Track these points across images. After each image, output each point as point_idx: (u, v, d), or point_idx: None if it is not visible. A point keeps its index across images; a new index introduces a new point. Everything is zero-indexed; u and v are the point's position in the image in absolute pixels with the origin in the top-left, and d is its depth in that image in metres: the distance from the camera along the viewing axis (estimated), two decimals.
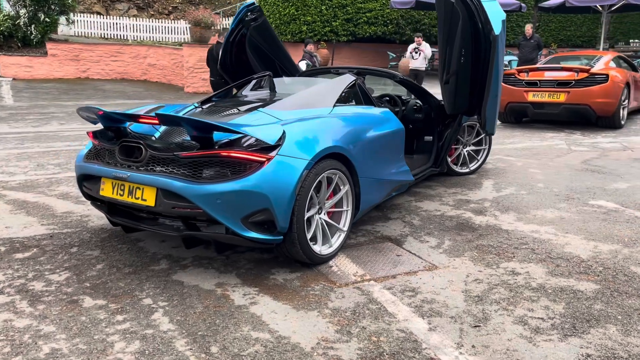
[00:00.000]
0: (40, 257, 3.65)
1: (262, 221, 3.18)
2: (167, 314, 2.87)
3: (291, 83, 4.81)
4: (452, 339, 2.59)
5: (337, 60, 20.89)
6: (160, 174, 3.21)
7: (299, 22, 20.26)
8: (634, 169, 5.92)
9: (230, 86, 4.75)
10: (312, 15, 20.43)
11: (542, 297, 3.00)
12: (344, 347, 2.53)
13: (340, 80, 4.31)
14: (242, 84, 4.80)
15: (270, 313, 2.87)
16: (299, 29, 20.30)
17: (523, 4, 19.78)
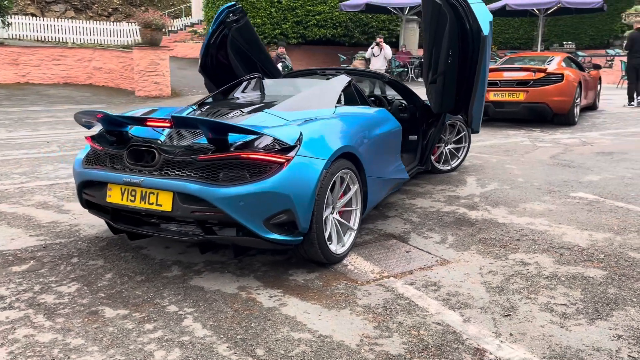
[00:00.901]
0: (40, 270, 3.47)
1: (283, 222, 3.17)
2: (197, 319, 2.81)
3: (285, 84, 4.80)
4: (489, 328, 2.67)
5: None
6: (177, 178, 3.14)
7: None
8: (600, 162, 6.27)
9: (223, 88, 4.68)
10: (262, 17, 20.39)
11: (558, 284, 3.15)
12: (388, 342, 2.57)
13: (338, 81, 4.35)
14: (234, 86, 4.74)
15: (303, 313, 2.86)
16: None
17: None
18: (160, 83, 15.33)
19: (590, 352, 2.45)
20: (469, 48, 4.76)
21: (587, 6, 19.89)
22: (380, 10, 20.05)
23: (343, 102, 4.26)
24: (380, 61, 13.18)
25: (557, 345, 2.51)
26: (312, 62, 22.23)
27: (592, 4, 19.71)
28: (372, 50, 13.37)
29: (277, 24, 20.58)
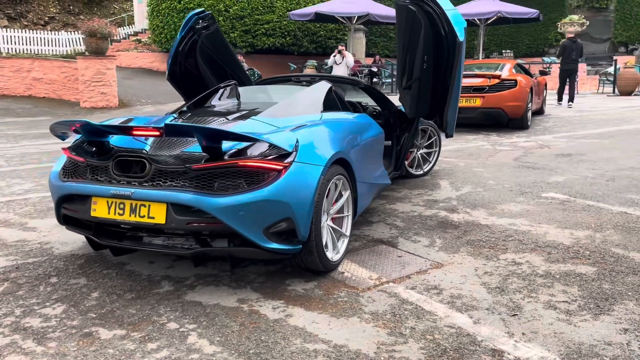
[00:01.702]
0: (17, 292, 3.23)
1: (283, 231, 3.09)
2: (202, 336, 2.68)
3: (264, 92, 4.72)
4: (500, 329, 2.69)
5: None
6: (171, 189, 3.00)
7: None
8: (561, 164, 6.51)
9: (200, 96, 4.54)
10: None
11: (554, 282, 3.21)
12: (406, 348, 2.53)
13: (320, 87, 4.31)
14: (210, 94, 4.61)
15: (312, 324, 2.78)
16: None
17: None
18: (107, 93, 14.82)
19: (603, 346, 2.51)
20: (444, 54, 4.84)
21: (525, 16, 20.77)
22: (329, 20, 20.19)
23: (328, 108, 4.22)
24: (342, 69, 13.26)
25: (570, 341, 2.55)
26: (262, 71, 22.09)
27: (529, 14, 20.62)
28: (335, 58, 13.43)
29: (225, 33, 20.31)
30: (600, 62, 25.56)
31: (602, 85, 17.47)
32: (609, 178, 5.71)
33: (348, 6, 18.74)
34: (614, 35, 26.90)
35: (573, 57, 13.10)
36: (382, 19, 19.00)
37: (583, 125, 9.76)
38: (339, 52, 12.59)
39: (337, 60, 13.46)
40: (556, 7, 25.65)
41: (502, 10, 20.15)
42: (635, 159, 6.62)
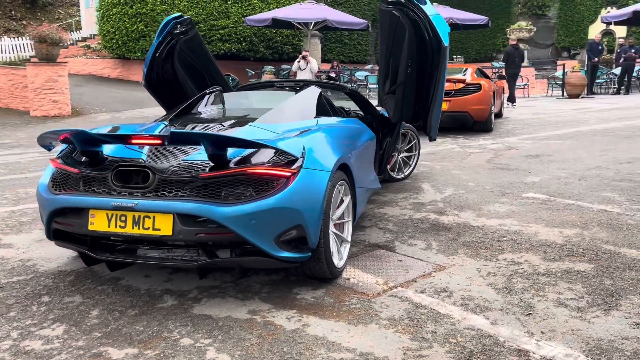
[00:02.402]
0: (9, 313, 3.03)
1: (292, 239, 3.03)
2: (221, 350, 2.59)
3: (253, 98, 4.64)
4: (519, 329, 2.72)
5: None
6: (177, 199, 2.89)
7: (150, 39, 19.35)
8: (532, 165, 6.71)
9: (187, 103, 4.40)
10: None
11: (558, 280, 3.29)
12: (432, 353, 2.52)
13: (310, 93, 4.27)
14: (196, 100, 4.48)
15: (331, 332, 2.74)
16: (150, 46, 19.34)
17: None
18: (60, 101, 14.24)
19: (621, 341, 2.57)
20: (427, 58, 4.89)
21: (475, 22, 21.38)
22: (286, 26, 20.15)
23: (320, 113, 4.18)
24: (307, 74, 13.23)
25: (589, 338, 2.61)
26: None
27: (479, 20, 21.22)
28: (299, 64, 13.38)
29: None
30: (545, 66, 26.62)
31: (552, 88, 18.18)
32: (580, 177, 5.92)
33: (305, 12, 18.77)
34: (556, 41, 28.07)
35: (516, 62, 14.71)
36: (339, 25, 19.11)
37: (543, 128, 10.11)
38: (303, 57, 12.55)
39: (301, 66, 13.45)
40: (503, 14, 26.53)
41: (454, 17, 20.65)
42: (600, 159, 6.90)
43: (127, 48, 19.88)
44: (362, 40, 25.59)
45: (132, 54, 19.89)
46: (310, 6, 19.70)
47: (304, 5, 19.76)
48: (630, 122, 10.32)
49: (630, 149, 7.56)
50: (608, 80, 18.33)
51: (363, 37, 25.42)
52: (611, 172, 6.15)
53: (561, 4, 27.21)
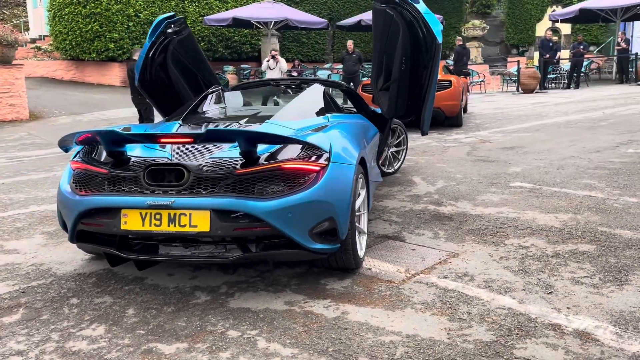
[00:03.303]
0: (41, 316, 3.00)
1: (324, 231, 3.12)
2: (270, 340, 2.66)
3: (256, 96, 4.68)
4: (545, 306, 2.91)
5: None
6: (214, 195, 2.94)
7: (105, 40, 18.91)
8: (510, 156, 7.02)
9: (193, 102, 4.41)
10: (119, 32, 19.24)
11: (567, 261, 3.51)
12: (474, 331, 2.68)
13: (317, 90, 4.37)
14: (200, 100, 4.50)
15: (372, 318, 2.85)
16: (105, 47, 18.94)
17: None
18: (17, 105, 13.75)
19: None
20: (420, 56, 5.07)
21: None
22: (245, 25, 20.09)
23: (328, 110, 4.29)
24: (276, 73, 13.25)
25: (611, 310, 2.83)
26: None
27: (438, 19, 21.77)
28: (268, 63, 13.39)
29: (136, 39, 19.54)
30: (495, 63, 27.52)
31: (506, 84, 18.89)
32: (558, 167, 6.26)
33: (266, 11, 18.78)
34: (506, 39, 29.06)
35: (464, 60, 15.96)
36: (300, 24, 19.22)
37: (509, 121, 10.53)
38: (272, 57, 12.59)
39: (270, 65, 13.48)
40: (455, 13, 27.28)
41: None
42: (571, 149, 7.29)
43: (81, 49, 19.35)
44: (320, 40, 25.75)
45: (87, 55, 19.37)
46: (270, 5, 19.74)
47: (264, 5, 19.78)
48: (588, 114, 10.89)
49: (595, 139, 8.01)
50: (558, 75, 19.18)
51: (321, 36, 25.58)
52: (584, 161, 6.52)
53: (509, 3, 28.20)
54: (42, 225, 4.73)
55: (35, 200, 5.70)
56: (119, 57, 19.32)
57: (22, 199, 5.78)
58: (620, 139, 7.93)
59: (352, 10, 26.01)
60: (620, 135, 8.24)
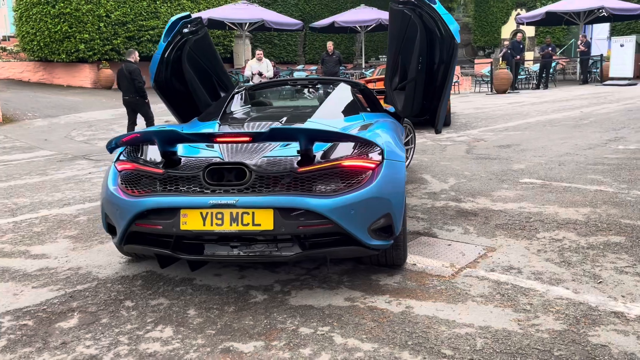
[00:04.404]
0: (101, 320, 2.94)
1: (380, 227, 3.16)
2: (345, 335, 2.69)
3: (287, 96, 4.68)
4: (601, 295, 3.02)
5: None
6: (277, 194, 2.94)
7: (75, 40, 18.44)
8: (509, 154, 7.21)
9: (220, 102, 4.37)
10: (90, 32, 18.81)
11: (604, 252, 3.65)
12: (542, 321, 2.76)
13: (346, 89, 4.40)
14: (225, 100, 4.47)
15: (438, 312, 2.91)
16: (76, 48, 18.48)
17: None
18: None
19: None
20: (436, 55, 5.16)
21: None
22: (218, 26, 19.91)
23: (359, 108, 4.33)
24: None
25: None
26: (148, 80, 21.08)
27: None
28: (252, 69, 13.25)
29: (107, 40, 19.12)
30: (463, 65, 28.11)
31: (479, 84, 19.33)
32: (559, 163, 6.47)
33: (241, 12, 18.67)
34: (473, 41, 29.73)
35: None
36: (276, 25, 19.18)
37: (494, 121, 10.79)
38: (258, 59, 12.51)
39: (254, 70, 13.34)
40: None
41: (382, 17, 21.36)
42: (564, 146, 7.54)
43: (49, 50, 18.79)
44: (292, 41, 25.77)
45: (56, 56, 18.83)
46: (244, 6, 19.63)
47: (238, 6, 19.65)
48: (567, 113, 11.26)
49: (583, 137, 8.31)
50: (528, 76, 19.74)
51: (292, 37, 25.59)
52: (581, 157, 6.76)
53: (476, 6, 28.85)
54: (61, 230, 4.60)
55: (42, 204, 5.53)
56: (89, 59, 18.90)
57: (27, 203, 5.60)
58: (607, 136, 8.25)
59: (323, 12, 26.13)
60: (606, 132, 8.56)
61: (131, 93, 9.23)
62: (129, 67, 9.21)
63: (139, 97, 9.23)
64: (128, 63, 9.31)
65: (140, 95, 9.21)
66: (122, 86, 9.38)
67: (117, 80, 9.56)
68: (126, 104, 9.50)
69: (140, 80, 9.22)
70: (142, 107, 9.41)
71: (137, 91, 9.17)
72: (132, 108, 9.52)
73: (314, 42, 26.88)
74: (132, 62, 9.33)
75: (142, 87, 9.22)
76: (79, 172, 7.35)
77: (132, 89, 9.18)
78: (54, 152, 9.34)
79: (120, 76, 9.34)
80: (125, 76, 9.21)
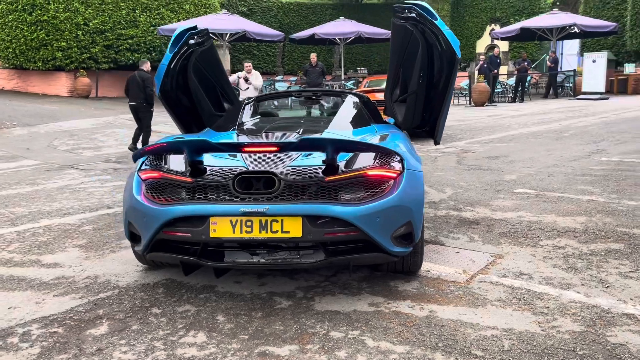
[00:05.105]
0: (132, 327, 2.97)
1: (401, 235, 3.27)
2: (377, 339, 2.78)
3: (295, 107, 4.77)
4: (611, 298, 3.18)
5: (101, 89, 19.45)
6: (306, 202, 3.03)
7: (52, 48, 18.21)
8: (499, 165, 7.43)
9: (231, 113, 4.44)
10: (67, 40, 18.60)
11: (607, 258, 3.84)
12: (562, 323, 2.90)
13: (357, 101, 4.53)
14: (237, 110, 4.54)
15: (460, 315, 3.03)
16: (53, 56, 18.24)
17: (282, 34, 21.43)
18: None
19: None
20: (436, 69, 5.33)
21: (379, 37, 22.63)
22: None
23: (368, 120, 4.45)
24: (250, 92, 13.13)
25: None
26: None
27: (384, 34, 22.51)
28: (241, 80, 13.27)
29: (85, 48, 18.93)
30: None
31: (457, 97, 19.75)
32: (548, 174, 6.71)
33: (223, 23, 18.73)
34: None
35: None
36: (258, 36, 19.29)
37: (478, 132, 11.08)
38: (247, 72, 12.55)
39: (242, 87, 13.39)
40: None
41: (361, 30, 21.68)
42: (550, 158, 7.81)
43: (25, 58, 18.51)
44: (271, 52, 25.91)
45: (32, 64, 18.56)
46: (226, 17, 19.70)
47: (220, 16, 19.70)
48: (546, 126, 11.64)
49: (566, 149, 8.61)
50: (504, 89, 20.28)
51: (271, 48, 25.74)
52: (568, 168, 7.02)
53: (452, 21, 29.49)
54: (68, 239, 4.59)
55: (42, 214, 5.48)
56: (66, 67, 18.66)
57: (25, 213, 5.55)
58: (588, 148, 8.58)
59: (302, 23, 26.37)
60: (587, 145, 8.90)
61: (139, 99, 9.71)
62: (142, 75, 9.77)
63: (146, 104, 9.71)
64: (141, 72, 9.86)
65: (148, 102, 9.71)
66: (130, 92, 9.83)
67: (127, 86, 9.97)
68: (132, 109, 9.93)
69: (152, 88, 9.53)
70: (145, 114, 9.84)
71: (146, 98, 9.69)
72: (137, 113, 9.94)
73: (292, 53, 27.09)
74: (145, 71, 9.90)
75: (152, 95, 9.54)
76: (71, 181, 7.29)
77: (142, 96, 9.66)
78: (38, 161, 9.22)
79: (132, 83, 9.83)
80: (137, 83, 9.73)
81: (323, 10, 27.50)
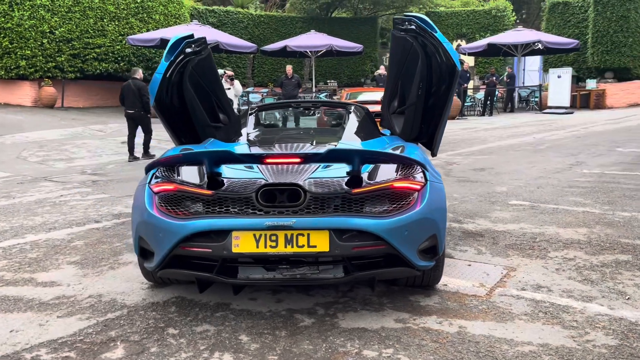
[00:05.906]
0: (151, 349, 2.79)
1: (425, 248, 3.20)
2: (412, 357, 2.69)
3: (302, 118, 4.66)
4: (636, 310, 3.18)
5: (67, 99, 18.87)
6: (333, 215, 2.92)
7: (15, 57, 17.61)
8: (486, 177, 7.48)
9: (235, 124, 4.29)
10: (32, 49, 18.02)
11: (620, 270, 3.85)
12: (595, 337, 2.87)
13: (364, 113, 4.46)
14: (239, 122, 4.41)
15: (491, 331, 2.96)
16: (16, 64, 17.63)
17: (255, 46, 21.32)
18: None
19: None
20: (435, 82, 5.32)
21: (350, 50, 22.79)
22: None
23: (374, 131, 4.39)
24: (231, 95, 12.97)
25: None
26: (93, 99, 20.48)
27: (355, 48, 22.70)
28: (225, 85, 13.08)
29: (50, 57, 18.36)
30: None
31: None
32: (537, 186, 6.79)
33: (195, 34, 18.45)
34: None
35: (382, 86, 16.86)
36: (231, 47, 19.11)
37: (456, 145, 11.19)
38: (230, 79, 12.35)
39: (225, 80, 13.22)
40: (370, 43, 28.43)
41: (333, 44, 21.77)
42: (534, 170, 7.92)
43: None
44: (241, 63, 25.72)
45: None
46: (197, 28, 19.43)
47: (191, 27, 19.43)
48: (521, 139, 11.86)
49: (547, 161, 8.77)
50: (473, 103, 20.67)
51: (242, 60, 25.56)
52: (554, 180, 7.13)
53: None
54: (60, 255, 4.33)
55: (25, 228, 5.19)
56: (30, 76, 18.07)
57: (7, 227, 5.24)
58: (568, 160, 8.75)
59: (272, 36, 26.31)
60: (566, 157, 9.08)
61: (137, 108, 9.88)
62: (137, 83, 9.91)
63: (144, 111, 9.91)
64: (135, 80, 9.96)
65: (145, 110, 9.89)
66: (127, 101, 9.94)
67: (122, 94, 10.07)
68: (130, 117, 10.04)
69: (148, 96, 9.54)
70: (145, 120, 10.07)
71: (143, 106, 9.86)
72: (135, 122, 10.09)
73: (262, 65, 26.97)
74: (139, 79, 10.01)
75: (149, 102, 9.51)
76: (49, 194, 6.96)
77: (139, 104, 9.83)
78: (9, 173, 8.81)
79: (127, 91, 9.94)
80: (132, 91, 9.85)
81: (293, 23, 27.51)
